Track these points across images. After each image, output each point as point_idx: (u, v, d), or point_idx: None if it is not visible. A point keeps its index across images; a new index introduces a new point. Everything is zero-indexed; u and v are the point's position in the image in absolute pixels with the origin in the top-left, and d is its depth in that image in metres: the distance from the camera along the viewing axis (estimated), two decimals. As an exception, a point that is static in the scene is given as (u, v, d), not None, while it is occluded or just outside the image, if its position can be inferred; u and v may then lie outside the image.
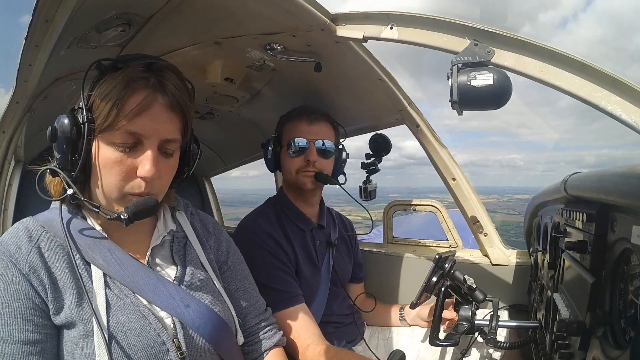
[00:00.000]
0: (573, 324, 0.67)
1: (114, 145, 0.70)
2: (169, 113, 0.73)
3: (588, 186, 0.70)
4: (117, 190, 0.72)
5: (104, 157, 0.71)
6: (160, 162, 0.74)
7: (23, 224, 0.73)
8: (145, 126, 0.70)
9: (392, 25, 0.93)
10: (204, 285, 0.84)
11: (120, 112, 0.68)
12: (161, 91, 0.72)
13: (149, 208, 0.72)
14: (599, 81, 0.70)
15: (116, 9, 0.96)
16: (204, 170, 2.91)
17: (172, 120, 0.74)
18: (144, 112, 0.70)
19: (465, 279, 1.20)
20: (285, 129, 1.38)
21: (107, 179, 0.72)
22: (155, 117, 0.71)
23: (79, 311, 0.69)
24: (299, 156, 1.32)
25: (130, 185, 0.72)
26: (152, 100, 0.70)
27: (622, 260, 0.60)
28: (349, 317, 1.46)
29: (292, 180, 1.36)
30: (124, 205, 0.72)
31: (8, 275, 0.67)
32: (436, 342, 1.15)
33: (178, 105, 0.74)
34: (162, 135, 0.73)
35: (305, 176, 1.32)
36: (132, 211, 0.70)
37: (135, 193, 0.72)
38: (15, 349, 0.64)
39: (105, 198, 0.74)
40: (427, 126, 1.45)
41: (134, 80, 0.70)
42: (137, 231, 0.82)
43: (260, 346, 0.93)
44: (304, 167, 1.32)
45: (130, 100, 0.69)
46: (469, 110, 0.81)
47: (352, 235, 1.62)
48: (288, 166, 1.35)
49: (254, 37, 1.14)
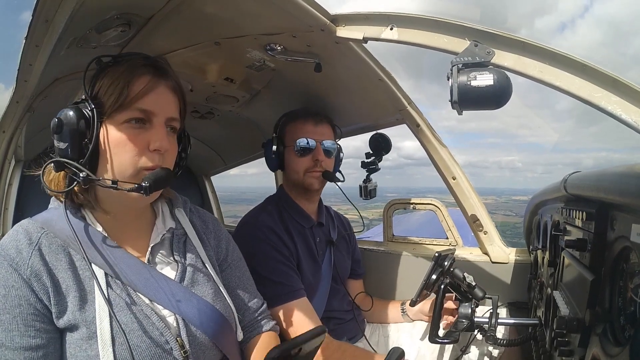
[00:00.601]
0: (573, 321, 0.67)
1: (125, 125, 0.74)
2: (172, 94, 0.79)
3: (588, 185, 0.71)
4: (131, 166, 0.74)
5: (115, 137, 0.73)
6: (169, 136, 0.79)
7: (22, 226, 0.73)
8: (154, 104, 0.75)
9: (392, 26, 0.93)
10: (205, 282, 0.84)
11: (130, 92, 0.73)
12: (163, 76, 0.78)
13: (166, 176, 0.75)
14: (599, 81, 0.70)
15: (116, 9, 0.96)
16: (204, 170, 2.90)
17: (174, 101, 0.80)
18: (151, 91, 0.75)
19: (465, 277, 1.21)
20: (288, 129, 1.39)
21: (121, 156, 0.73)
22: (161, 96, 0.77)
23: (82, 313, 0.69)
24: (306, 156, 1.36)
25: (144, 159, 0.74)
26: (157, 82, 0.77)
27: (622, 258, 0.61)
28: (350, 313, 1.48)
29: (298, 179, 1.38)
30: (139, 180, 0.73)
31: (9, 281, 0.66)
32: (436, 340, 1.16)
33: (178, 88, 0.81)
34: (168, 113, 0.78)
35: (313, 176, 1.36)
36: (152, 179, 0.72)
37: (149, 167, 0.75)
38: (18, 355, 0.64)
39: (118, 177, 0.74)
40: (427, 126, 1.45)
41: (137, 67, 0.75)
42: (137, 229, 0.82)
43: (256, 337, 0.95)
44: (311, 167, 1.36)
45: (138, 82, 0.74)
46: (469, 110, 0.81)
47: (353, 236, 1.64)
48: (295, 166, 1.37)
49: (254, 38, 1.14)
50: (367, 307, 1.52)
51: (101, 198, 0.77)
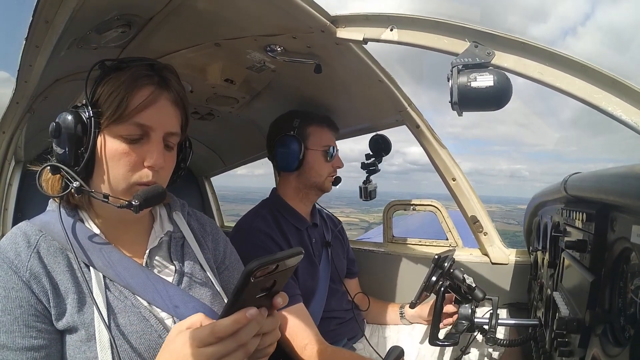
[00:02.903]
0: (573, 321, 0.67)
1: (121, 138, 0.72)
2: (173, 107, 0.77)
3: (588, 186, 0.71)
4: (124, 181, 0.73)
5: (111, 150, 0.72)
6: (164, 154, 0.77)
7: (20, 229, 0.72)
8: (153, 118, 0.73)
9: (393, 27, 0.93)
10: (203, 284, 0.83)
11: (129, 105, 0.71)
12: (166, 87, 0.76)
13: (158, 195, 0.73)
14: (599, 82, 0.70)
15: (116, 10, 0.96)
16: (204, 171, 2.90)
17: (175, 114, 0.78)
18: (151, 105, 0.73)
19: (465, 278, 1.21)
20: (312, 132, 1.40)
21: (115, 170, 0.73)
22: (162, 110, 0.75)
23: (80, 315, 0.68)
24: (331, 162, 1.43)
25: (138, 175, 0.73)
26: (158, 95, 0.74)
27: (622, 259, 0.61)
28: (349, 312, 1.48)
29: (319, 182, 1.42)
30: (131, 195, 0.72)
31: (9, 283, 0.66)
32: (436, 342, 1.16)
33: (180, 101, 0.79)
34: (167, 128, 0.76)
35: (331, 181, 1.46)
36: (142, 198, 0.70)
37: (143, 182, 0.74)
38: (20, 355, 0.64)
39: (111, 190, 0.73)
40: (427, 127, 1.45)
41: (140, 77, 0.73)
42: (134, 233, 0.82)
43: None
44: (332, 172, 1.45)
45: (138, 95, 0.72)
46: (469, 111, 0.81)
47: (343, 231, 1.67)
48: (320, 169, 1.41)
49: (254, 39, 1.14)
50: (364, 306, 1.53)
51: (94, 203, 0.77)
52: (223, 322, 0.54)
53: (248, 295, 0.54)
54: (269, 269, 0.51)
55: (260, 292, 0.55)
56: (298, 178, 1.43)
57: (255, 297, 0.55)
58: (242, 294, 0.52)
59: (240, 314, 0.54)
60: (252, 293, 0.54)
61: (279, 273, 0.54)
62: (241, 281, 0.51)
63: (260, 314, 0.56)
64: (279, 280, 0.56)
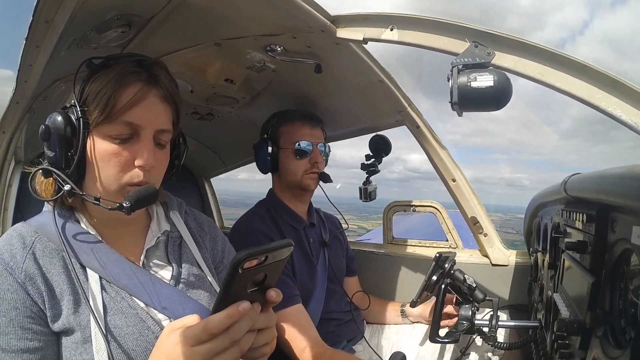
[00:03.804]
0: (573, 323, 0.67)
1: (110, 138, 0.71)
2: (162, 104, 0.75)
3: (588, 187, 0.70)
4: (115, 182, 0.72)
5: (100, 151, 0.71)
6: (156, 152, 0.75)
7: (16, 230, 0.72)
8: (142, 116, 0.72)
9: (393, 27, 0.93)
10: (201, 284, 0.83)
11: (117, 103, 0.70)
12: (154, 84, 0.74)
13: (150, 195, 0.72)
14: (599, 83, 0.70)
15: (116, 10, 0.96)
16: (204, 171, 2.90)
17: (165, 111, 0.76)
18: (139, 102, 0.71)
19: (465, 279, 1.20)
20: (284, 131, 1.40)
21: (105, 171, 0.71)
22: (151, 107, 0.73)
23: (76, 317, 0.68)
24: (304, 158, 1.38)
25: (129, 175, 0.72)
26: (146, 91, 0.72)
27: (622, 261, 0.61)
28: (348, 314, 1.47)
29: (296, 181, 1.39)
30: (123, 196, 0.71)
31: (4, 284, 0.66)
32: (436, 339, 1.16)
33: (170, 96, 0.76)
34: (157, 125, 0.74)
35: (311, 178, 1.40)
36: (133, 199, 0.69)
37: (134, 183, 0.72)
38: (15, 358, 0.63)
39: (103, 191, 0.73)
40: (427, 127, 1.45)
41: (127, 74, 0.71)
42: (131, 233, 0.81)
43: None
44: (309, 169, 1.39)
45: (126, 92, 0.70)
46: (469, 111, 0.81)
47: (342, 230, 1.66)
48: (293, 168, 1.39)
49: (254, 39, 1.14)
50: (364, 305, 1.52)
51: (88, 205, 0.76)
52: (215, 317, 0.53)
53: (238, 289, 0.52)
54: (258, 260, 0.50)
55: (252, 286, 0.54)
56: (279, 179, 1.45)
57: (247, 292, 0.54)
58: (232, 286, 0.51)
59: (232, 308, 0.52)
60: (242, 286, 0.53)
61: (270, 265, 0.52)
62: (229, 272, 0.49)
63: (252, 309, 0.54)
64: (271, 274, 0.55)
